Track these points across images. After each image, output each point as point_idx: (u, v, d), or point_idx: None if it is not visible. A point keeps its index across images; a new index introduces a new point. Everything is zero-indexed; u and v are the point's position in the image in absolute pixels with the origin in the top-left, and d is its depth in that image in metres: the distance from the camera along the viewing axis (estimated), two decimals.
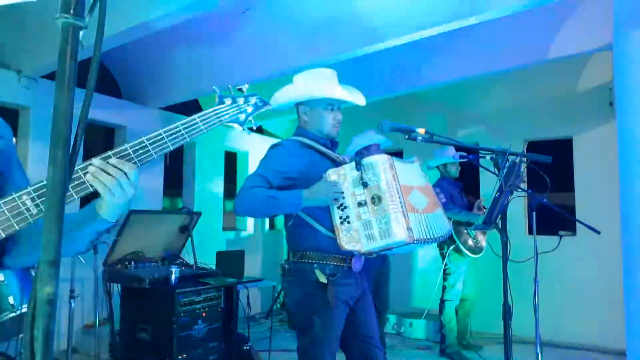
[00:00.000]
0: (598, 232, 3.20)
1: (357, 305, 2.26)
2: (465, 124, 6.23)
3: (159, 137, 1.13)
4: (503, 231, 2.24)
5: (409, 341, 5.33)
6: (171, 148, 1.15)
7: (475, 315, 4.94)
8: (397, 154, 6.19)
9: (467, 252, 4.53)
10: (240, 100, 1.29)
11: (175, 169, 6.16)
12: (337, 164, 2.25)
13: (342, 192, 2.07)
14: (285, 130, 7.61)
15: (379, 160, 2.06)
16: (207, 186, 6.28)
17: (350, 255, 2.13)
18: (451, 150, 4.61)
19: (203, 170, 6.24)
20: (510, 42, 4.62)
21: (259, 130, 7.33)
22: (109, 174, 1.07)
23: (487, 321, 5.00)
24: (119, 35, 3.64)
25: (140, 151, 1.11)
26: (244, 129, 1.31)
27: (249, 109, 1.31)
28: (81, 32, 0.71)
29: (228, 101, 1.27)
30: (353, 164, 2.08)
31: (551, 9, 4.26)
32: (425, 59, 5.09)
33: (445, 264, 4.64)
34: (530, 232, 3.32)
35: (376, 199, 2.02)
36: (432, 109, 6.28)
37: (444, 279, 4.76)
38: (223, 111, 1.26)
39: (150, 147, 1.12)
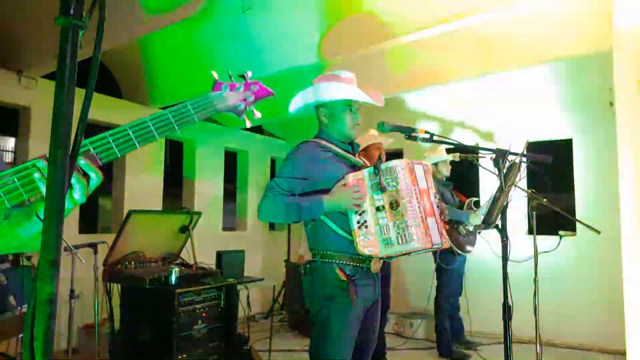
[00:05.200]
0: (598, 232, 3.20)
1: (370, 308, 2.27)
2: (465, 124, 6.23)
3: (143, 126, 1.01)
4: (503, 231, 2.24)
5: (409, 341, 5.33)
6: (157, 138, 1.03)
7: (475, 315, 4.94)
8: (398, 154, 6.22)
9: (458, 251, 4.53)
10: (241, 88, 1.17)
11: (175, 169, 6.16)
12: (355, 167, 2.25)
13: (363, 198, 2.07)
14: (285, 130, 7.61)
15: (399, 165, 2.06)
16: (207, 186, 6.28)
17: (369, 257, 2.12)
18: (442, 150, 4.61)
19: (203, 170, 6.24)
20: (510, 42, 4.62)
21: (259, 131, 7.34)
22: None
23: (487, 321, 5.00)
24: (119, 35, 3.64)
25: (122, 140, 0.98)
26: (241, 118, 1.18)
27: (251, 98, 1.18)
28: (81, 32, 0.71)
29: (225, 88, 1.15)
30: (372, 168, 2.08)
31: (551, 9, 4.26)
32: (425, 58, 5.09)
33: (437, 263, 4.64)
34: (530, 232, 3.32)
35: (394, 204, 2.02)
36: (432, 109, 6.28)
37: (437, 278, 4.77)
38: (219, 98, 1.13)
39: (133, 137, 0.99)
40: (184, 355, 3.46)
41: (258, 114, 1.21)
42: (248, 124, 1.22)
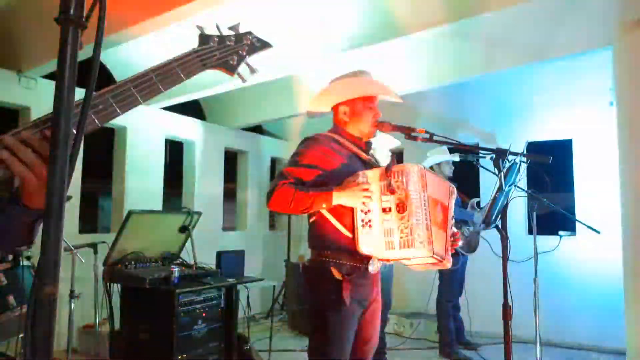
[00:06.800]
0: (598, 232, 3.20)
1: (369, 308, 2.25)
2: (465, 124, 6.23)
3: (125, 90, 0.91)
4: (503, 231, 2.24)
5: (409, 341, 5.33)
6: (141, 102, 0.93)
7: (475, 315, 4.95)
8: (398, 154, 6.21)
9: (461, 251, 4.53)
10: (230, 40, 1.05)
11: (175, 169, 6.16)
12: (367, 165, 2.24)
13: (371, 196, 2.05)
14: (285, 130, 7.61)
15: (410, 169, 2.04)
16: (207, 186, 6.28)
17: (367, 257, 2.10)
18: (445, 150, 4.62)
19: (203, 170, 6.24)
20: (510, 42, 4.62)
21: (259, 131, 7.33)
22: (35, 150, 0.82)
23: (487, 321, 5.00)
24: (119, 35, 3.64)
25: (101, 106, 0.89)
26: (236, 76, 1.06)
27: (243, 51, 1.05)
28: (81, 32, 0.71)
29: (214, 41, 1.03)
30: (383, 169, 2.06)
31: (551, 8, 4.26)
32: (425, 59, 5.09)
33: None
34: (530, 232, 3.32)
35: (401, 207, 2.00)
36: (432, 109, 6.27)
37: (440, 279, 4.78)
38: (207, 53, 1.02)
39: (113, 102, 0.89)
40: (184, 355, 3.46)
41: (253, 70, 1.08)
42: (242, 81, 1.10)
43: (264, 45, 1.08)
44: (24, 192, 0.88)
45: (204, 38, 1.03)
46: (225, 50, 1.04)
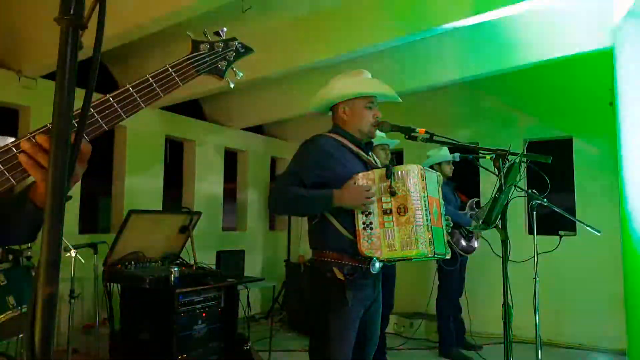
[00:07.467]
0: (598, 232, 3.20)
1: (370, 308, 2.25)
2: (465, 124, 6.23)
3: (127, 95, 0.97)
4: (503, 231, 2.24)
5: (409, 341, 5.33)
6: (143, 106, 0.99)
7: (475, 315, 4.94)
8: (398, 154, 6.22)
9: (459, 252, 4.53)
10: (219, 46, 1.11)
11: (175, 169, 6.16)
12: (368, 166, 2.23)
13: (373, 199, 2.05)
14: (285, 130, 7.61)
15: (411, 171, 2.04)
16: (207, 186, 6.28)
17: (369, 258, 2.10)
18: (445, 150, 4.62)
19: (203, 170, 6.24)
20: (510, 42, 4.61)
21: (259, 131, 7.34)
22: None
23: (487, 321, 5.00)
24: (118, 35, 3.64)
25: (107, 111, 0.94)
26: (224, 78, 1.14)
27: (230, 56, 1.13)
28: (81, 32, 0.71)
29: (204, 47, 1.09)
30: (384, 170, 2.06)
31: (551, 8, 4.26)
32: (425, 59, 5.09)
33: (439, 264, 4.64)
34: (530, 232, 3.32)
35: (402, 209, 2.01)
36: (432, 109, 6.27)
37: (439, 279, 4.77)
38: (199, 59, 1.07)
39: (118, 107, 0.95)
40: (184, 355, 3.46)
41: (240, 74, 1.15)
42: (232, 85, 1.17)
43: (247, 50, 1.15)
44: (37, 193, 0.94)
45: (195, 45, 1.08)
46: (215, 55, 1.10)
